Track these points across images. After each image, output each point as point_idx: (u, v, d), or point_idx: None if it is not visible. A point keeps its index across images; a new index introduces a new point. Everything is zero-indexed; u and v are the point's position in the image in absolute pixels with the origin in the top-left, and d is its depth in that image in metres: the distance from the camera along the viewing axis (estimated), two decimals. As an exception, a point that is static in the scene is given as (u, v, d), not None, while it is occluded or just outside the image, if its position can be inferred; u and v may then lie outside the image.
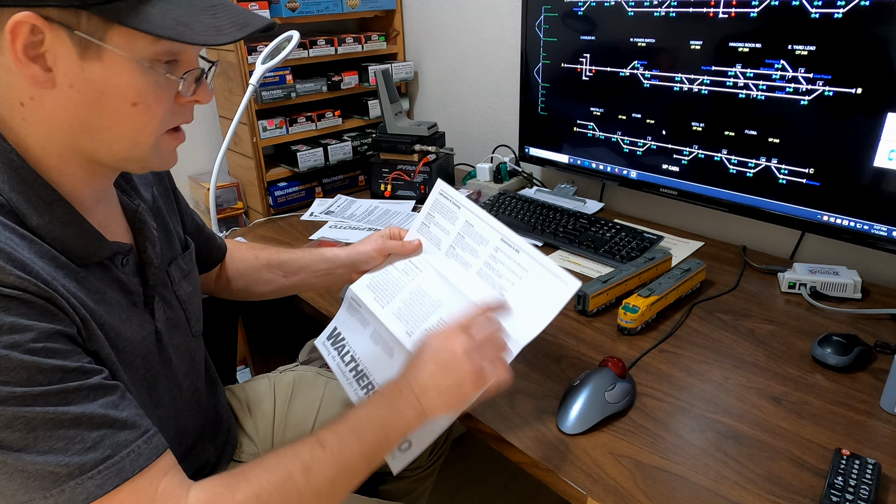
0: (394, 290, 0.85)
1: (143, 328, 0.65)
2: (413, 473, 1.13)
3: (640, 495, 0.66)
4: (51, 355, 0.50)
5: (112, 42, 0.52)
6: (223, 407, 0.88)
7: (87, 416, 0.51)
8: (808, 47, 0.96)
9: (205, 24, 0.54)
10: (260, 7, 1.51)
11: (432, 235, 0.87)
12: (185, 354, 0.75)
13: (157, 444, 0.55)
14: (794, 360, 0.87)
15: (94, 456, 0.50)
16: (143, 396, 0.65)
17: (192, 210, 0.89)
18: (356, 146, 1.76)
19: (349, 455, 0.60)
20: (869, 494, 0.62)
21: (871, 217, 0.97)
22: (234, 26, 0.56)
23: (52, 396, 0.50)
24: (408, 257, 0.89)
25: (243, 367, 1.73)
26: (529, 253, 0.74)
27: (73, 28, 0.51)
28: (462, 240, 0.83)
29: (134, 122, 0.57)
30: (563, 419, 0.76)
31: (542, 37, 1.34)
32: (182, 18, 0.53)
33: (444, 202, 0.87)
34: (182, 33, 0.53)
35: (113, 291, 0.62)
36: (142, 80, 0.55)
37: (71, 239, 0.58)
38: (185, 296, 0.76)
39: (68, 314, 0.54)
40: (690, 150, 1.17)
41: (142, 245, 0.68)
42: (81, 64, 0.53)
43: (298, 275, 0.96)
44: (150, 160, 0.61)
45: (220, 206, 1.70)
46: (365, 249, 0.91)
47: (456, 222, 0.84)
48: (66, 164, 0.58)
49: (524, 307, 0.73)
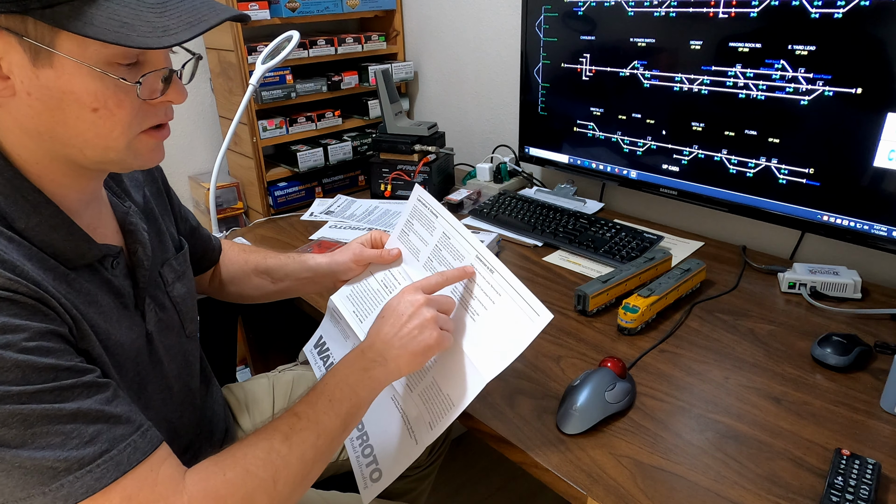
0: (372, 303, 0.85)
1: (132, 330, 0.65)
2: (412, 473, 1.13)
3: (640, 495, 0.65)
4: (44, 354, 0.50)
5: (62, 48, 0.51)
6: (219, 406, 0.88)
7: (83, 411, 0.51)
8: (808, 47, 0.96)
9: (150, 25, 0.51)
10: (260, 7, 1.51)
11: (411, 245, 0.85)
12: (178, 356, 0.75)
13: (153, 438, 0.55)
14: (794, 360, 0.87)
15: (92, 450, 0.51)
16: (134, 398, 0.65)
17: (187, 211, 0.89)
18: (356, 146, 1.76)
19: (325, 419, 0.63)
20: (869, 494, 0.62)
21: (871, 217, 0.97)
22: (182, 26, 0.52)
23: (48, 394, 0.50)
24: (387, 267, 0.87)
25: (243, 367, 1.73)
26: (503, 275, 0.71)
27: (22, 34, 0.50)
28: (439, 252, 0.80)
29: (98, 128, 0.55)
30: (563, 419, 0.76)
31: (542, 37, 1.34)
32: (127, 19, 0.50)
33: (422, 209, 0.84)
34: (124, 36, 0.50)
35: (103, 294, 0.62)
36: (98, 85, 0.53)
37: (59, 242, 0.57)
38: (179, 297, 0.75)
39: (59, 314, 0.54)
40: (690, 150, 1.17)
41: (132, 247, 0.68)
42: (35, 71, 0.51)
43: (284, 281, 0.95)
44: (127, 162, 0.59)
45: (220, 206, 1.70)
46: (342, 259, 0.89)
47: (433, 233, 0.82)
48: (48, 169, 0.57)
49: (493, 337, 0.71)
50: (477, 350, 0.72)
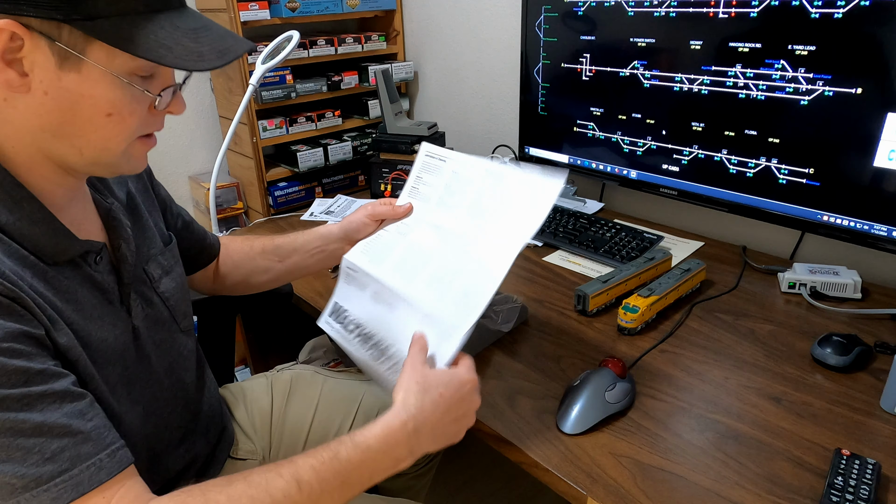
0: (388, 249, 0.85)
1: (116, 326, 0.65)
2: (411, 470, 1.13)
3: (640, 495, 0.65)
4: (16, 356, 0.50)
5: (92, 56, 0.53)
6: (215, 402, 0.87)
7: (48, 425, 0.50)
8: (808, 47, 0.96)
9: (186, 49, 0.55)
10: (260, 7, 1.51)
11: (422, 195, 0.88)
12: (170, 350, 0.75)
13: (122, 459, 0.54)
14: (794, 360, 0.87)
15: (51, 468, 0.50)
16: (122, 394, 0.65)
17: (179, 207, 0.89)
18: (356, 146, 1.76)
19: (327, 499, 0.58)
20: (869, 494, 0.62)
21: (871, 217, 0.97)
22: (214, 53, 0.57)
23: (14, 402, 0.49)
24: (399, 220, 0.89)
25: (243, 367, 1.73)
26: (515, 175, 0.79)
27: (55, 39, 0.51)
28: (449, 188, 0.85)
29: (106, 132, 0.57)
30: (563, 419, 0.76)
31: (542, 37, 1.34)
32: (164, 41, 0.54)
33: (431, 161, 0.89)
34: (163, 56, 0.54)
35: (84, 290, 0.62)
36: (118, 93, 0.56)
37: (40, 237, 0.58)
38: (168, 292, 0.75)
39: (35, 315, 0.53)
40: (690, 150, 1.17)
41: (115, 243, 0.68)
42: (59, 73, 0.53)
43: (292, 257, 0.94)
44: (119, 165, 0.62)
45: (220, 206, 1.70)
46: (356, 217, 0.90)
47: (443, 175, 0.87)
48: (36, 165, 0.58)
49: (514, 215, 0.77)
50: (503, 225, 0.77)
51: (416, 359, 0.68)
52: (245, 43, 0.61)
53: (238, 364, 1.70)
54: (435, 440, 0.65)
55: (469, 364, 0.69)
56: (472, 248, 0.78)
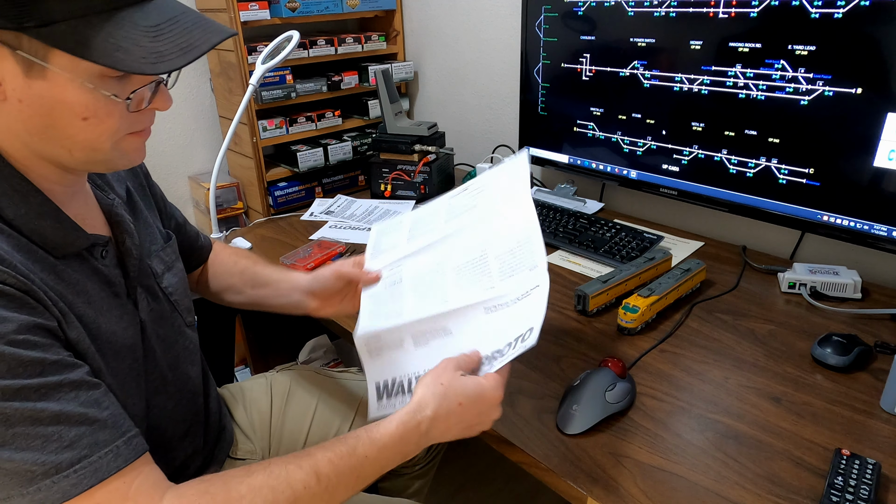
0: (394, 298, 0.81)
1: (123, 319, 0.65)
2: (411, 470, 1.13)
3: (640, 495, 0.65)
4: (31, 347, 0.50)
5: (55, 63, 0.52)
6: (214, 400, 0.88)
7: (65, 413, 0.51)
8: (808, 47, 0.96)
9: (145, 50, 0.53)
10: (260, 7, 1.51)
11: (386, 246, 0.87)
12: (174, 346, 0.75)
13: (137, 446, 0.55)
14: (794, 360, 0.87)
15: (70, 455, 0.50)
16: (131, 387, 0.65)
17: (173, 207, 0.89)
18: (356, 146, 1.75)
19: (343, 491, 0.60)
20: (869, 494, 0.62)
21: (871, 217, 0.97)
22: (176, 51, 0.54)
23: (32, 392, 0.50)
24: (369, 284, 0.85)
25: (243, 368, 1.73)
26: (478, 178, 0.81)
27: (15, 48, 0.51)
28: (415, 226, 0.86)
29: (88, 134, 0.57)
30: (563, 419, 0.76)
31: (542, 37, 1.34)
32: (122, 43, 0.52)
33: (383, 228, 0.91)
34: (119, 60, 0.51)
35: (93, 283, 0.62)
36: (89, 98, 0.55)
37: (48, 230, 0.58)
38: (171, 287, 0.76)
39: (48, 307, 0.54)
40: (690, 150, 1.17)
41: (120, 237, 0.68)
42: (27, 81, 0.53)
43: (264, 289, 0.92)
44: (114, 161, 0.61)
45: (220, 206, 1.70)
46: (324, 273, 0.86)
47: (401, 226, 0.88)
48: (34, 164, 0.59)
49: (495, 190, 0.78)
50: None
51: (453, 360, 0.67)
52: (216, 33, 0.57)
53: (238, 364, 1.70)
54: (443, 438, 0.66)
55: (497, 381, 0.66)
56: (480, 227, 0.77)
